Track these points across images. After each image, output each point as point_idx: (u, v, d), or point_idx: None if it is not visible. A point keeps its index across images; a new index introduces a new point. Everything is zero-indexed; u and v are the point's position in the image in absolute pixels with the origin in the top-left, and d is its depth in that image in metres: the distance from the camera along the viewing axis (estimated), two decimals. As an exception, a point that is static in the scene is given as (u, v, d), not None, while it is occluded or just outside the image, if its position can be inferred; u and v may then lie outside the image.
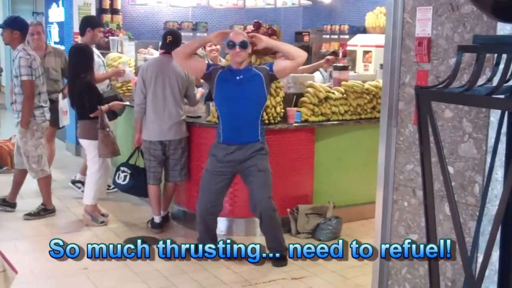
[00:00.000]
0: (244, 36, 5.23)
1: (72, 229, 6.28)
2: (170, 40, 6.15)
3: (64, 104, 7.41)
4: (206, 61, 6.50)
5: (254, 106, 5.24)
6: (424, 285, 3.73)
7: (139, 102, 6.14)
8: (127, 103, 6.87)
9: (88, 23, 7.37)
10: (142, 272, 5.16)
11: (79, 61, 6.30)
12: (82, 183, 7.31)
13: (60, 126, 7.62)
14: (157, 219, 6.21)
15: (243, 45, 5.15)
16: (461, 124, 3.42)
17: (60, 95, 7.38)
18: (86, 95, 6.16)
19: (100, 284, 4.99)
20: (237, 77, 5.21)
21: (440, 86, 2.71)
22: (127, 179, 6.35)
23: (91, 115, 6.16)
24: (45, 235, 6.08)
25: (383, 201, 4.02)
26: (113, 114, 6.79)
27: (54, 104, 7.21)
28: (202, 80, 5.90)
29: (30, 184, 7.01)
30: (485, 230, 3.16)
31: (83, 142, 6.44)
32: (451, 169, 3.45)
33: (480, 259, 3.04)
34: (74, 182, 7.73)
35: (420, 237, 3.74)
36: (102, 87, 7.11)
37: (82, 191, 7.15)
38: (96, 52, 7.28)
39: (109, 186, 7.29)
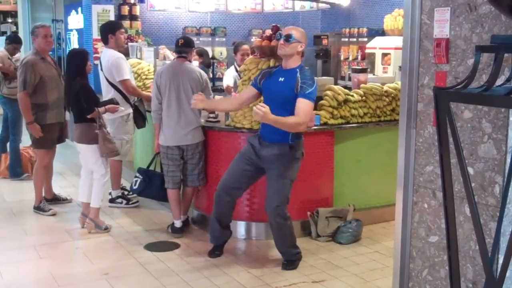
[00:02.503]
0: (294, 29, 5.15)
1: (92, 234, 6.29)
2: (182, 42, 6.21)
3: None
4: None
5: (283, 110, 5.00)
6: (445, 287, 3.71)
7: (155, 108, 6.15)
8: (122, 108, 6.82)
9: (108, 28, 7.11)
10: (163, 277, 5.17)
11: (76, 64, 6.30)
12: (121, 197, 7.27)
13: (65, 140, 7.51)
14: (177, 224, 6.23)
15: (287, 37, 5.05)
16: (480, 125, 3.40)
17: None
18: (83, 96, 6.17)
19: (121, 289, 5.03)
20: (280, 79, 5.15)
21: (459, 86, 2.70)
22: (137, 184, 6.47)
23: (88, 116, 6.17)
24: (66, 241, 6.12)
25: (403, 203, 4.01)
26: (142, 122, 6.82)
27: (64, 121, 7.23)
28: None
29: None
30: (505, 230, 3.14)
31: (81, 147, 6.35)
32: (471, 170, 3.44)
33: (501, 260, 3.01)
34: (112, 200, 7.33)
35: (440, 239, 3.73)
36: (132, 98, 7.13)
37: (126, 204, 7.26)
38: (124, 58, 7.11)
39: (129, 191, 7.30)
